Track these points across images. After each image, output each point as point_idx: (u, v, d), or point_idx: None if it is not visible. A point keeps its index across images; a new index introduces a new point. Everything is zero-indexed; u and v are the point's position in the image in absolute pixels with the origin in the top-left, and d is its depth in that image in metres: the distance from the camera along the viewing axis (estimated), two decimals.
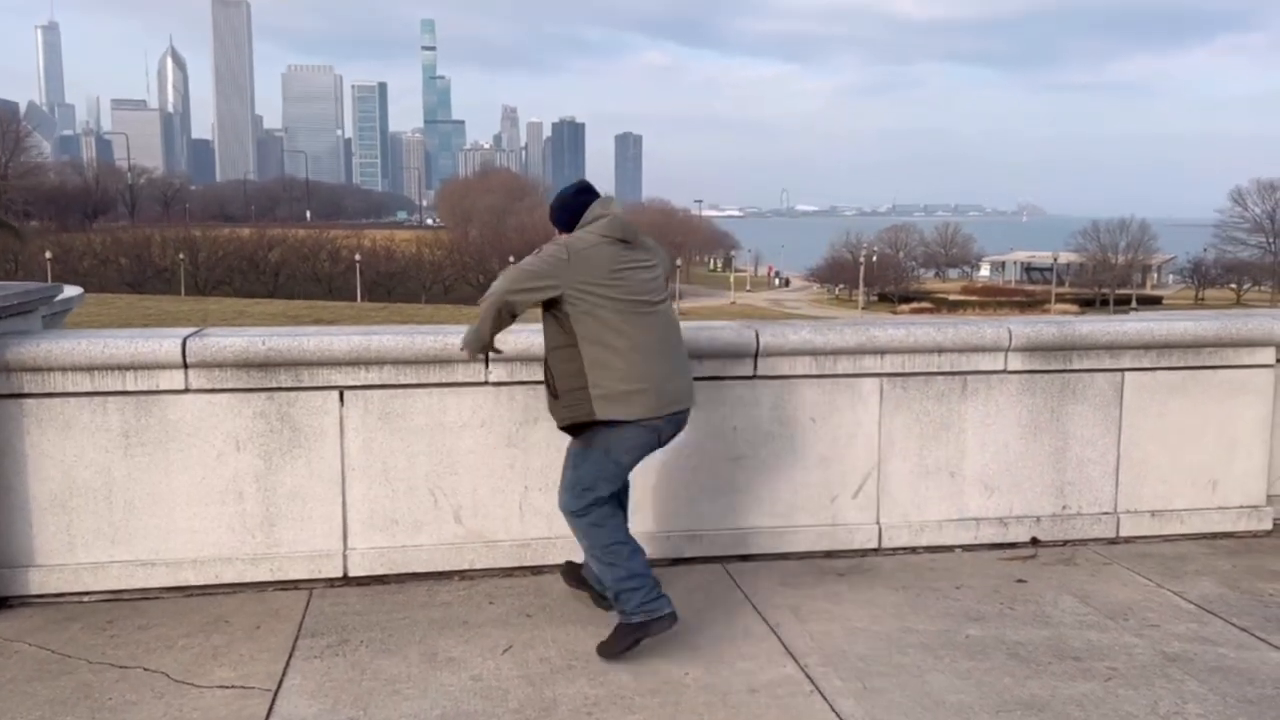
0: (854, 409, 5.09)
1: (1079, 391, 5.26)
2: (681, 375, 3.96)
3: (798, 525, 5.09)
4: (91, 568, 4.54)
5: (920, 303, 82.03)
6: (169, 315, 27.29)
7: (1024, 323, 5.24)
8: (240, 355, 4.53)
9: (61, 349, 4.40)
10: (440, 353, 4.67)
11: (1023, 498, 5.26)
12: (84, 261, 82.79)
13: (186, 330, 4.69)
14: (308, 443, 4.66)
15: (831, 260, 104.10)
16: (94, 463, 4.51)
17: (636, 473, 4.86)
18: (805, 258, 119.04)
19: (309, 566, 4.70)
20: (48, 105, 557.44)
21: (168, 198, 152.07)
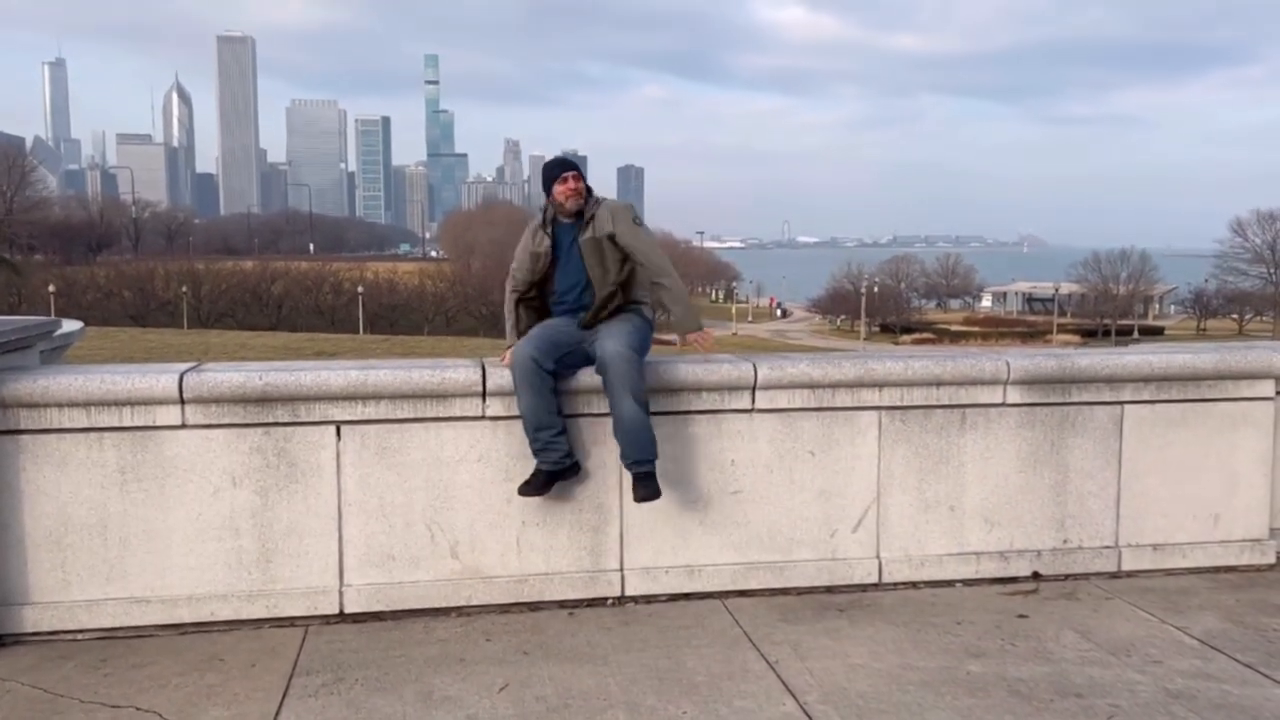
0: (853, 442, 5.08)
1: (1079, 424, 5.24)
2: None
3: (797, 560, 5.06)
4: (86, 605, 4.51)
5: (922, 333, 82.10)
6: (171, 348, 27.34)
7: (1023, 355, 5.23)
8: (237, 390, 4.52)
9: (58, 385, 4.40)
10: (437, 387, 4.67)
11: (1023, 531, 5.23)
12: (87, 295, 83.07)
13: (184, 365, 4.69)
14: (304, 478, 4.64)
15: (833, 291, 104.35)
16: (89, 499, 4.49)
17: (633, 507, 4.87)
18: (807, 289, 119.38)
19: (305, 603, 4.67)
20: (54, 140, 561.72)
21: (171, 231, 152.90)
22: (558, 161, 5.01)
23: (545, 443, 4.61)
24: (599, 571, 4.90)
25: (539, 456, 4.62)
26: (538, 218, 4.99)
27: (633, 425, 4.63)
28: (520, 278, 4.99)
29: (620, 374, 4.60)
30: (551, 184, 4.94)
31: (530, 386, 4.59)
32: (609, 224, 4.86)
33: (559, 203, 4.90)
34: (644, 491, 4.64)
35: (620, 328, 4.80)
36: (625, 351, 4.65)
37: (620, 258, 4.88)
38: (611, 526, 4.91)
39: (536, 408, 4.60)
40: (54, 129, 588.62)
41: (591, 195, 4.97)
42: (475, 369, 4.72)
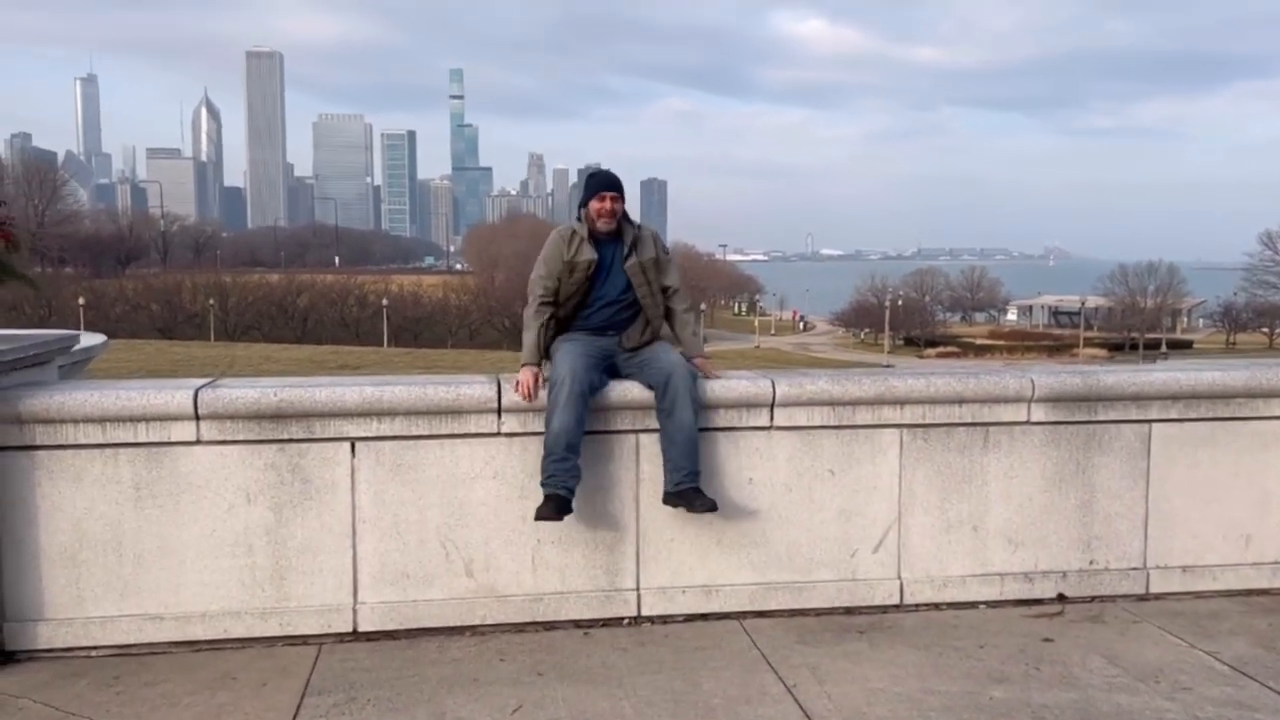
0: (873, 461, 5.00)
1: (1105, 443, 5.14)
2: None
3: (816, 580, 4.98)
4: (100, 622, 4.49)
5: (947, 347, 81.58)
6: (196, 361, 27.56)
7: (1047, 373, 5.13)
8: (252, 406, 4.50)
9: (74, 400, 4.40)
10: (452, 403, 4.63)
11: (1048, 552, 5.13)
12: (116, 307, 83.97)
13: (199, 381, 4.68)
14: (319, 495, 4.61)
15: (857, 304, 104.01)
16: (104, 515, 4.48)
17: (649, 526, 4.82)
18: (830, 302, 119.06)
19: (319, 621, 4.63)
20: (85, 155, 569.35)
21: (199, 244, 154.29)
22: (603, 179, 4.93)
23: (570, 468, 4.53)
24: (615, 591, 4.84)
25: (555, 481, 4.53)
26: (569, 226, 4.94)
27: (694, 436, 4.65)
28: (551, 286, 4.84)
29: (689, 387, 4.66)
30: (589, 199, 4.89)
31: (576, 405, 4.52)
32: (652, 249, 4.93)
33: (591, 219, 4.87)
34: (705, 503, 4.61)
35: (669, 347, 4.92)
36: (691, 368, 4.75)
37: (661, 285, 4.96)
38: (628, 545, 4.85)
39: (573, 429, 4.53)
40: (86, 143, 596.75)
41: (628, 219, 4.94)
42: (490, 385, 4.68)
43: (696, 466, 4.66)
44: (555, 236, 4.95)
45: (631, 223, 4.98)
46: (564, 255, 4.85)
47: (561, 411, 4.51)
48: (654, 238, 5.04)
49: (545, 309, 4.85)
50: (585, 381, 4.56)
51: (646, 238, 4.98)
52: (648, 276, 4.92)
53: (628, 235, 4.93)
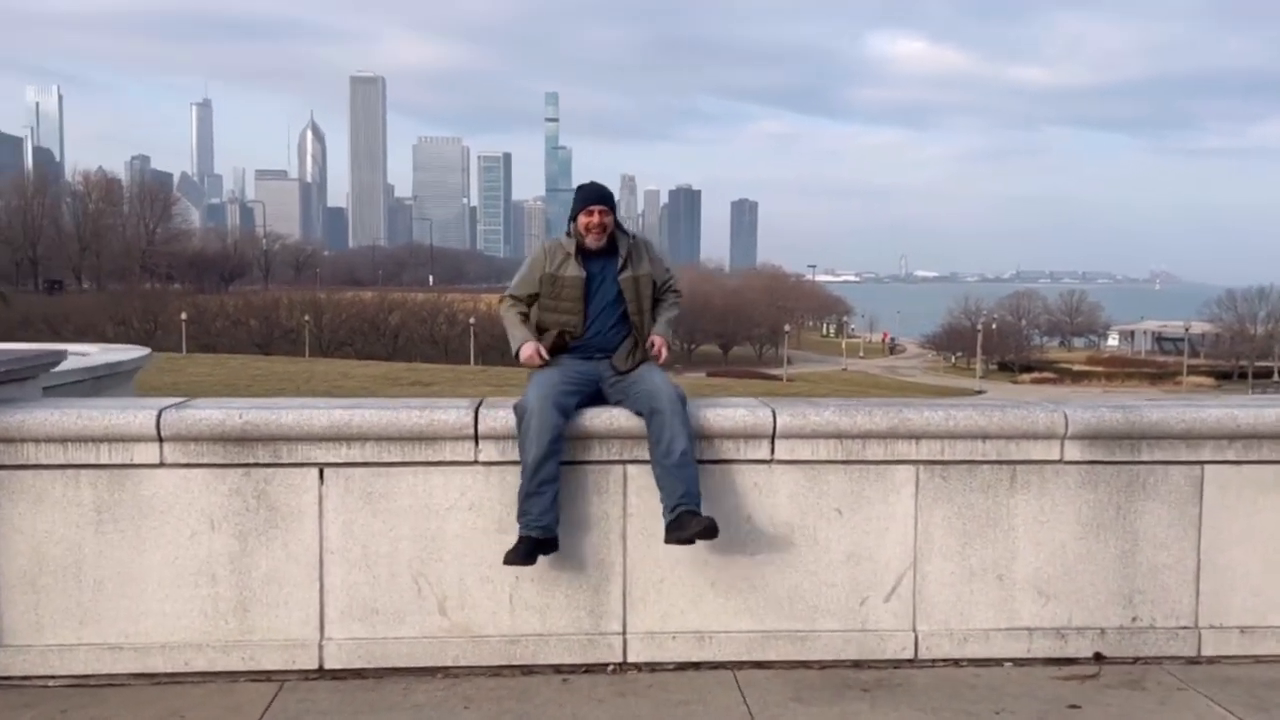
0: (886, 500, 4.56)
1: (1150, 486, 4.61)
2: None
3: (821, 630, 4.55)
4: (59, 650, 4.32)
5: (1042, 372, 79.05)
6: (275, 376, 28.08)
7: (1083, 407, 4.63)
8: (216, 429, 4.30)
9: (34, 419, 4.25)
10: (426, 428, 4.36)
11: (1084, 607, 4.61)
12: (217, 322, 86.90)
13: (166, 400, 4.50)
14: (285, 523, 4.38)
15: (949, 327, 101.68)
16: (64, 539, 4.31)
17: (637, 565, 4.47)
18: (922, 324, 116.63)
19: (283, 656, 4.39)
20: (199, 176, 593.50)
21: (299, 263, 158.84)
22: (591, 191, 4.68)
23: (546, 504, 4.22)
24: (599, 634, 4.49)
25: (530, 519, 4.22)
26: (556, 240, 4.71)
27: (688, 460, 4.29)
28: (521, 294, 4.67)
29: (679, 412, 4.32)
30: (577, 212, 4.62)
31: (544, 437, 4.22)
32: (647, 264, 4.65)
33: (580, 234, 4.58)
34: (703, 522, 4.20)
35: (655, 368, 4.57)
36: (680, 391, 4.40)
37: (653, 299, 4.68)
38: (613, 585, 4.50)
39: (544, 461, 4.22)
40: (199, 165, 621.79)
41: (622, 229, 4.67)
42: (467, 411, 4.39)
43: (695, 489, 4.28)
44: (539, 248, 4.69)
45: (626, 234, 4.68)
46: (545, 267, 4.59)
47: (531, 444, 4.20)
48: (648, 247, 4.73)
49: (515, 305, 4.68)
50: (556, 411, 4.24)
51: (641, 249, 4.68)
52: (640, 291, 4.60)
53: (622, 247, 4.62)
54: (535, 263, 4.66)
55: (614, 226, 4.65)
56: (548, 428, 4.20)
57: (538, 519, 4.18)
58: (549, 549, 4.26)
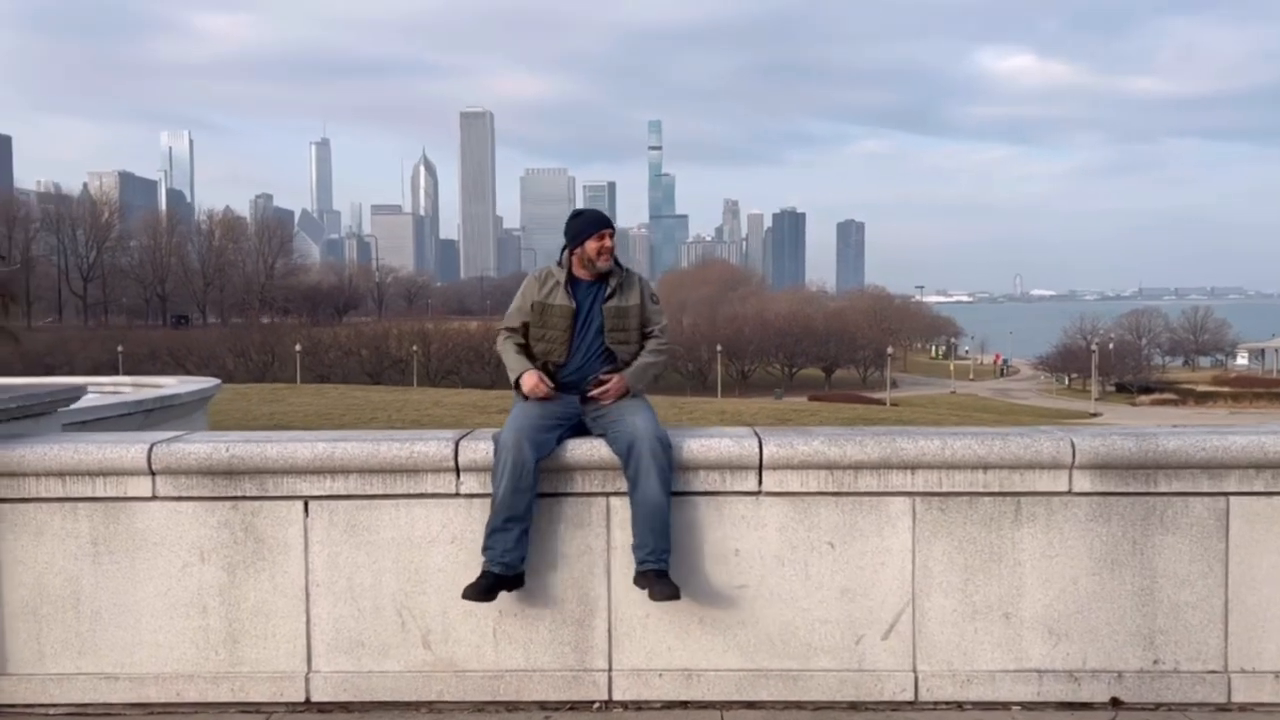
0: (881, 533, 4.36)
1: (1168, 519, 4.29)
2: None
3: (814, 669, 4.36)
4: (58, 679, 4.44)
5: (1162, 394, 75.61)
6: (370, 405, 28.81)
7: (1094, 435, 4.35)
8: (204, 462, 4.37)
9: (34, 454, 4.39)
10: (406, 461, 4.35)
11: (1099, 648, 4.31)
12: (330, 353, 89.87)
13: (160, 435, 4.60)
14: (271, 555, 4.42)
15: (1064, 348, 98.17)
16: (64, 570, 4.44)
17: (622, 600, 4.38)
18: (1037, 345, 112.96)
19: (271, 688, 4.42)
20: (318, 212, 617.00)
21: (411, 294, 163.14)
22: (598, 216, 4.67)
23: (511, 542, 4.16)
24: (584, 671, 4.40)
25: (493, 554, 4.16)
26: (546, 267, 4.70)
27: (660, 512, 4.20)
28: (515, 324, 4.64)
29: (657, 455, 4.21)
30: (585, 238, 4.56)
31: (515, 476, 4.17)
32: (637, 296, 4.59)
33: (590, 258, 4.55)
34: (665, 589, 4.13)
35: (640, 404, 4.46)
36: (661, 433, 4.27)
37: (640, 332, 4.60)
38: (598, 620, 4.40)
39: (511, 498, 4.17)
40: (319, 202, 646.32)
41: (617, 264, 4.65)
42: (448, 444, 4.37)
43: (664, 545, 4.18)
44: (530, 277, 4.68)
45: (620, 266, 4.63)
46: (534, 295, 4.56)
47: (500, 479, 4.16)
48: (642, 284, 4.65)
49: (511, 337, 4.65)
50: (530, 446, 4.18)
51: (634, 281, 4.62)
52: (627, 322, 4.53)
53: (613, 278, 4.56)
54: (527, 291, 4.64)
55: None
56: (518, 464, 4.14)
57: (501, 555, 4.13)
58: (513, 585, 4.20)
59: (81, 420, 6.21)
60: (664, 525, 4.18)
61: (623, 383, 4.44)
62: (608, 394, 4.41)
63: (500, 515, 4.14)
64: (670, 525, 4.21)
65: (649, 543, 4.16)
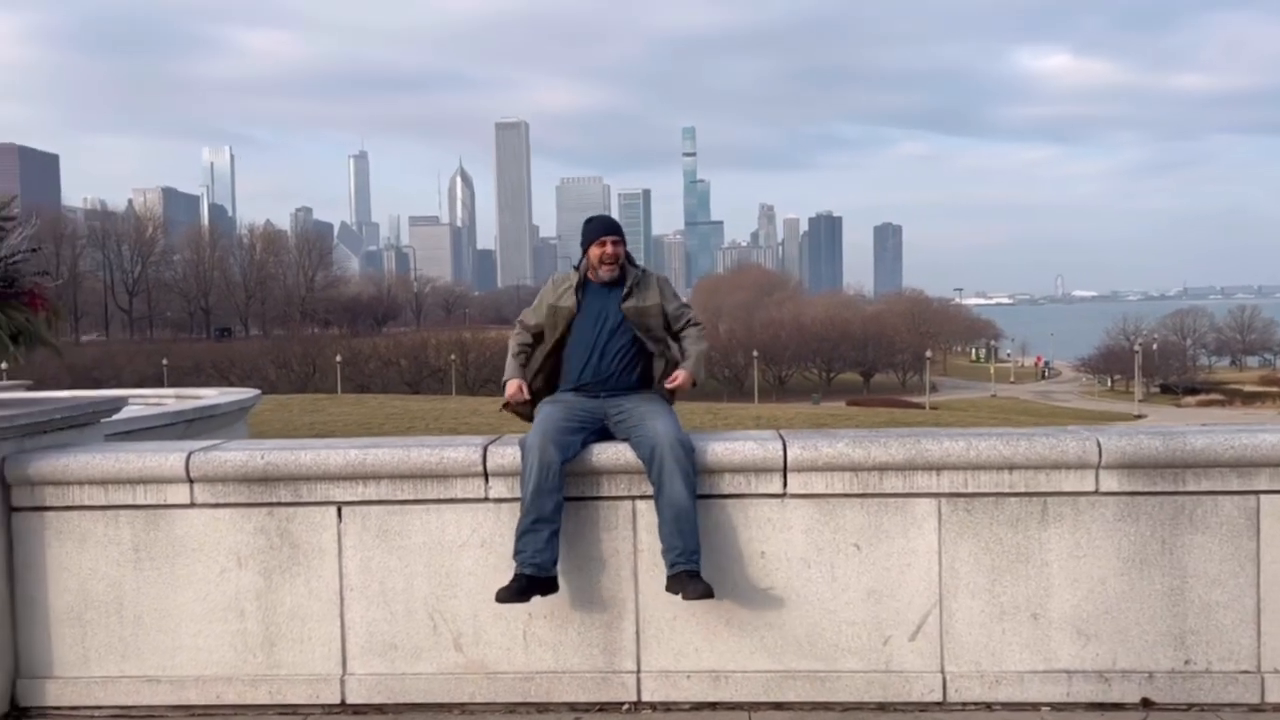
0: (906, 534, 4.37)
1: (1198, 519, 4.27)
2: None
3: (842, 670, 4.38)
4: (102, 682, 4.56)
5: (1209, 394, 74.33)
6: (409, 414, 29.13)
7: (1119, 435, 4.34)
8: (241, 469, 4.48)
9: (78, 463, 4.52)
10: (436, 466, 4.43)
11: (1129, 648, 4.29)
12: (370, 364, 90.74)
13: (198, 444, 4.72)
14: (306, 560, 4.52)
15: (1106, 349, 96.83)
16: (107, 576, 4.56)
17: (650, 602, 4.43)
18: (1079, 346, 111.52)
19: (307, 691, 4.51)
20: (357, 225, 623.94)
21: (449, 304, 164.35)
22: (601, 223, 4.78)
23: (541, 543, 4.21)
24: (613, 673, 4.45)
25: (524, 557, 4.21)
26: (564, 272, 4.81)
27: (687, 515, 4.23)
28: (530, 322, 4.78)
29: (679, 459, 4.25)
30: (589, 245, 4.69)
31: (541, 477, 4.23)
32: (656, 295, 4.67)
33: (593, 265, 4.64)
34: (699, 588, 4.16)
35: (662, 407, 4.52)
36: (682, 436, 4.32)
37: (666, 328, 4.70)
38: (626, 622, 4.45)
39: (541, 502, 4.23)
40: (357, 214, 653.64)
41: (632, 262, 4.70)
42: (476, 449, 4.45)
43: (693, 545, 4.22)
44: (550, 280, 4.77)
45: (635, 266, 4.70)
46: (550, 298, 4.68)
47: (527, 481, 4.23)
48: (660, 283, 4.72)
49: (520, 334, 4.79)
50: (555, 448, 4.25)
51: (650, 280, 4.69)
52: (648, 322, 4.60)
53: (629, 279, 4.63)
54: (544, 293, 4.75)
55: (624, 259, 4.67)
56: (543, 465, 4.21)
57: (532, 557, 4.19)
58: (546, 589, 4.24)
59: (125, 431, 6.36)
60: (692, 526, 4.22)
61: (689, 375, 4.58)
62: (680, 385, 4.57)
63: (528, 517, 4.21)
64: (698, 526, 4.25)
65: (678, 545, 4.20)
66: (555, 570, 4.24)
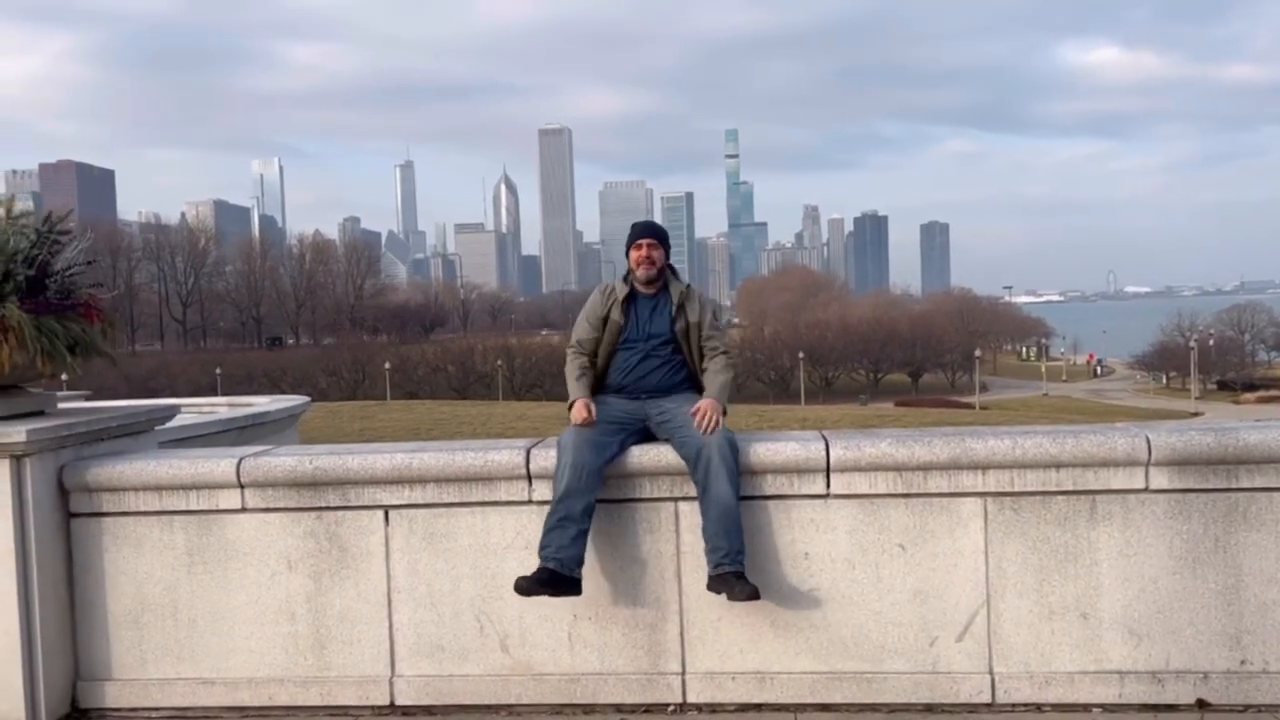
0: (952, 534, 4.33)
1: (1251, 516, 4.18)
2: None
3: (888, 671, 4.35)
4: (160, 684, 4.67)
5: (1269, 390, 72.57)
6: (456, 419, 29.38)
7: (1169, 431, 4.27)
8: (290, 474, 4.56)
9: (133, 469, 4.63)
10: (481, 470, 4.48)
11: (1183, 648, 4.22)
12: (418, 370, 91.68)
13: (246, 450, 4.81)
14: (355, 563, 4.59)
15: (1161, 346, 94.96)
16: (162, 580, 4.67)
17: (694, 604, 4.43)
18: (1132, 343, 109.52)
19: (357, 693, 4.58)
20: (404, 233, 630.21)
21: (495, 310, 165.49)
22: (641, 227, 4.80)
23: (566, 540, 4.22)
24: (657, 674, 4.46)
25: (548, 552, 4.22)
26: (610, 282, 4.81)
27: (733, 515, 4.24)
28: (586, 338, 4.70)
29: (725, 458, 4.26)
30: (629, 249, 4.74)
31: (573, 478, 4.25)
32: (698, 312, 4.67)
33: (632, 270, 4.67)
34: (745, 589, 4.15)
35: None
36: (730, 435, 4.34)
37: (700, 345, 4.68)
38: (670, 624, 4.46)
39: (570, 502, 4.25)
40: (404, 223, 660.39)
41: (674, 273, 4.78)
42: (520, 452, 4.49)
43: (738, 545, 4.22)
44: (596, 291, 4.78)
45: (678, 279, 4.73)
46: (599, 311, 4.67)
47: (560, 480, 4.26)
48: (702, 298, 4.73)
49: (578, 357, 4.70)
50: (590, 449, 4.27)
51: (695, 298, 4.71)
52: (691, 339, 4.63)
53: (674, 292, 4.65)
54: (592, 306, 4.74)
55: (664, 264, 4.68)
56: (576, 466, 4.23)
57: (555, 552, 4.20)
58: (569, 590, 4.23)
59: (179, 438, 6.50)
60: (737, 527, 4.22)
61: (716, 406, 4.42)
62: (706, 417, 4.36)
63: (555, 514, 4.24)
64: (742, 527, 4.25)
65: (723, 545, 4.20)
66: (579, 572, 4.24)
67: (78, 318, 4.70)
